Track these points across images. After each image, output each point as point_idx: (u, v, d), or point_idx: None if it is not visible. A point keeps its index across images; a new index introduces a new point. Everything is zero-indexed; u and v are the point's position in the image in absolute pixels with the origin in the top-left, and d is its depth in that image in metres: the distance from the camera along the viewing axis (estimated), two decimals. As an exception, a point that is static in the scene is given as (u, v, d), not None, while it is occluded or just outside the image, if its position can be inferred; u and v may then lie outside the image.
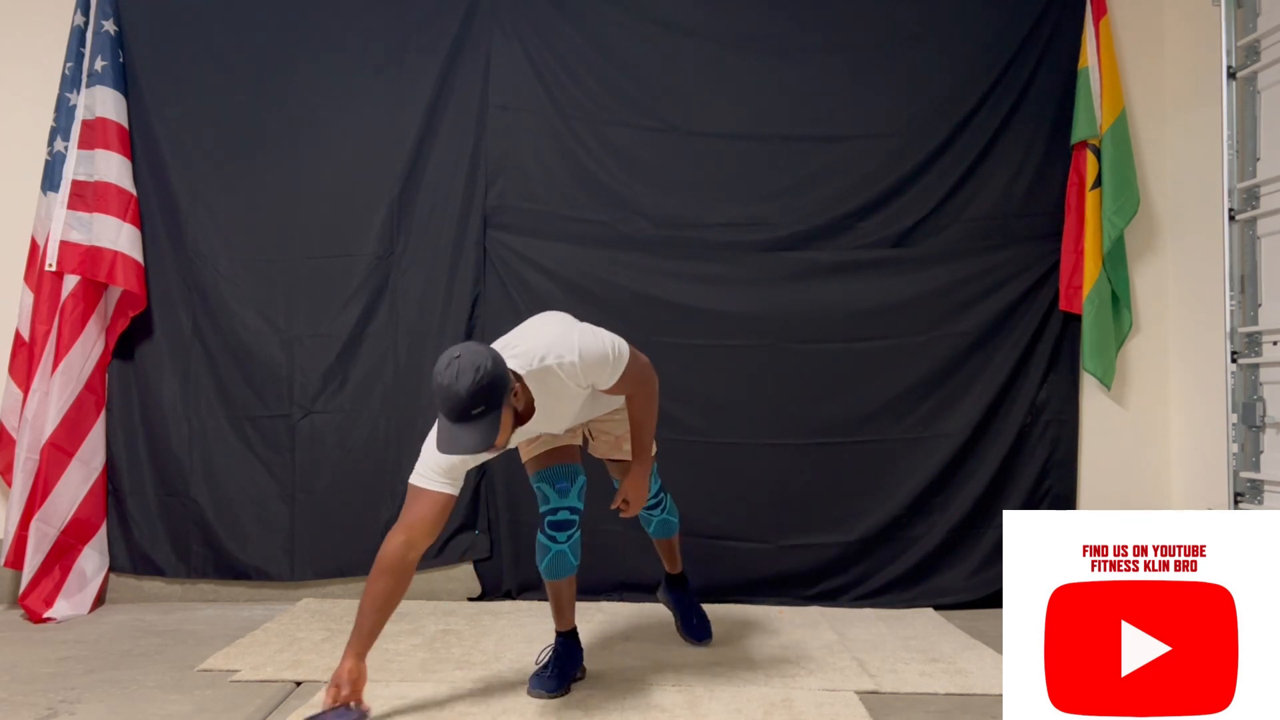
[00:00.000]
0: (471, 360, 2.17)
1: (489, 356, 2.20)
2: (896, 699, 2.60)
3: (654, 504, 2.97)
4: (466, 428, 2.17)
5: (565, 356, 2.35)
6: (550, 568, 2.66)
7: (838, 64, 3.81)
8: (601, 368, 2.40)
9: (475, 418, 2.17)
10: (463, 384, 2.14)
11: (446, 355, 2.20)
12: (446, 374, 2.16)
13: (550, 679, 2.61)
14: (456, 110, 3.80)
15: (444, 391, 2.16)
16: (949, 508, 3.73)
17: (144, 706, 2.51)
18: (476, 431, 2.17)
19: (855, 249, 3.78)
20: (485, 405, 2.17)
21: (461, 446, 2.18)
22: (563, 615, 2.73)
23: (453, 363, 2.17)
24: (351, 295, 3.77)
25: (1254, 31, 3.19)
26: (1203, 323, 3.56)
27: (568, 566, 2.67)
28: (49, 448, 3.52)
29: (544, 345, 2.37)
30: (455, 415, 2.16)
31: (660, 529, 3.04)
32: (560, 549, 2.64)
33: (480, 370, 2.16)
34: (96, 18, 3.69)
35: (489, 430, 2.19)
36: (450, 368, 2.16)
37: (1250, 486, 3.15)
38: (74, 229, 3.58)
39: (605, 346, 2.41)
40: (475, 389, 2.14)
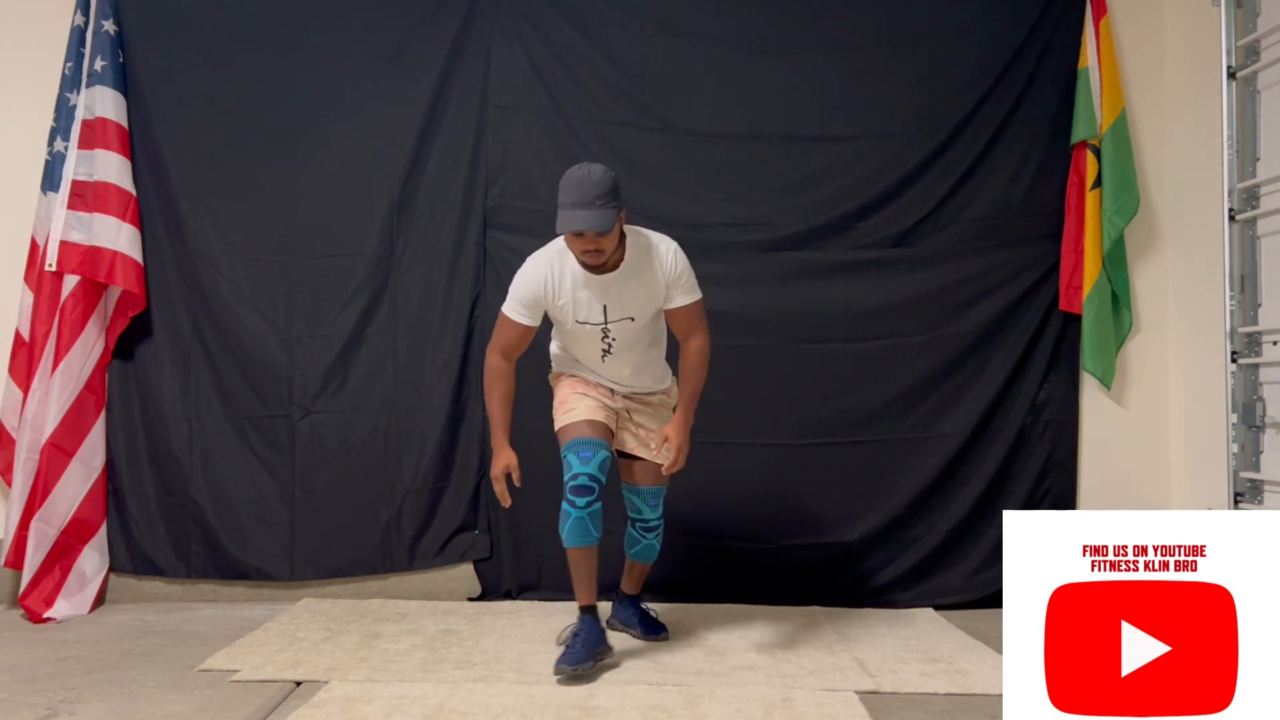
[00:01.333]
0: (602, 167, 2.66)
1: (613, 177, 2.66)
2: (896, 699, 2.60)
3: (653, 527, 3.06)
4: (589, 210, 2.57)
5: (667, 241, 2.81)
6: (570, 534, 2.79)
7: (838, 64, 3.81)
8: (687, 278, 2.82)
9: (599, 205, 2.58)
10: (596, 173, 2.61)
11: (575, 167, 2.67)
12: (579, 169, 2.63)
13: (574, 651, 2.72)
14: (456, 110, 3.80)
15: (576, 179, 2.61)
16: (949, 508, 3.73)
17: (144, 706, 2.51)
18: (598, 214, 2.58)
19: (855, 249, 3.78)
20: (608, 198, 2.60)
21: (583, 222, 2.57)
22: (583, 588, 2.85)
23: (584, 164, 2.66)
24: (351, 295, 3.77)
25: (1254, 31, 3.19)
26: (1203, 323, 3.56)
27: (587, 535, 2.78)
28: (49, 448, 3.52)
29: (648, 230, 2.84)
30: (583, 199, 2.57)
31: (643, 553, 3.11)
32: (579, 515, 2.76)
33: (609, 173, 2.65)
34: (96, 18, 3.69)
35: (608, 217, 2.60)
36: (582, 167, 2.65)
37: (1250, 486, 3.15)
38: (74, 229, 3.58)
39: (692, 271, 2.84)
40: (605, 179, 2.61)
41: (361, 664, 2.85)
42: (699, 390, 2.91)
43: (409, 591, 3.74)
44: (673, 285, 2.81)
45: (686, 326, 2.88)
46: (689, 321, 2.86)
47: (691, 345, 2.88)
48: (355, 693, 2.59)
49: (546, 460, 3.73)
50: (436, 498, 3.75)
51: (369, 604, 3.63)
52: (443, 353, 3.76)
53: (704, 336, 2.89)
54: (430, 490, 3.74)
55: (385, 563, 3.73)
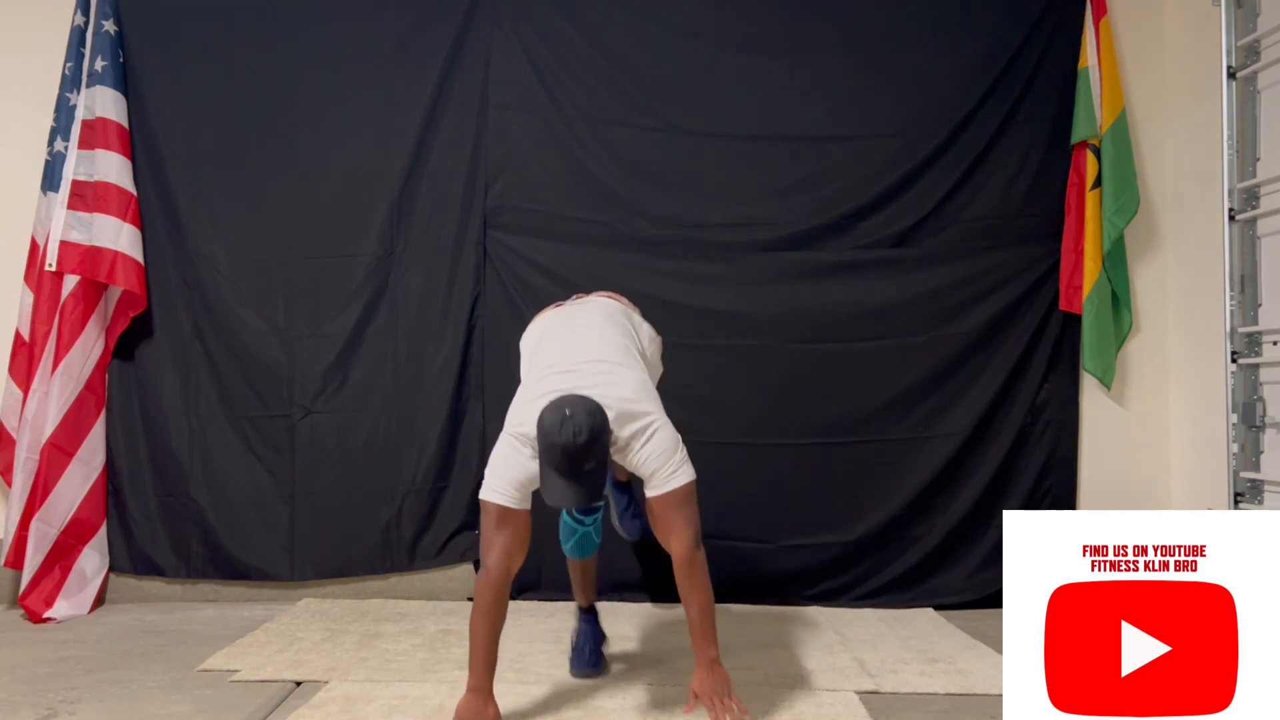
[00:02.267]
0: (587, 418, 2.18)
1: (598, 411, 2.22)
2: (896, 699, 2.60)
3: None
4: (577, 482, 2.19)
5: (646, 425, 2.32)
6: (576, 547, 2.77)
7: (838, 64, 3.81)
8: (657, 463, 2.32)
9: (587, 472, 2.19)
10: (581, 440, 2.16)
11: (555, 411, 2.20)
12: (563, 431, 2.16)
13: (592, 657, 2.80)
14: (456, 110, 3.80)
15: (561, 448, 2.16)
16: (949, 508, 3.73)
17: (144, 706, 2.51)
18: (587, 485, 2.20)
19: (855, 249, 3.78)
20: (597, 460, 2.20)
21: (575, 500, 2.20)
22: (586, 593, 2.88)
23: (566, 421, 2.16)
24: (351, 295, 3.77)
25: (1254, 31, 3.19)
26: (1203, 323, 3.56)
27: (592, 546, 2.78)
28: (49, 448, 3.52)
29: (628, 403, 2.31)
30: (569, 471, 2.18)
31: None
32: (586, 530, 2.74)
33: (594, 428, 2.18)
34: (96, 18, 3.69)
35: (598, 482, 2.22)
36: (565, 426, 2.16)
37: (1250, 486, 3.15)
38: (74, 229, 3.58)
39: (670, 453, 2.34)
40: (590, 445, 2.17)
41: (361, 664, 2.85)
42: (708, 614, 2.31)
43: (409, 591, 3.74)
44: (638, 468, 2.34)
45: (660, 524, 2.33)
46: (661, 517, 2.32)
47: (671, 553, 2.32)
48: (355, 693, 2.59)
49: (546, 460, 3.74)
50: (436, 498, 3.75)
51: (369, 604, 3.63)
52: (443, 353, 3.76)
53: (688, 539, 2.31)
54: (430, 490, 3.74)
55: (385, 563, 3.73)
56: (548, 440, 2.18)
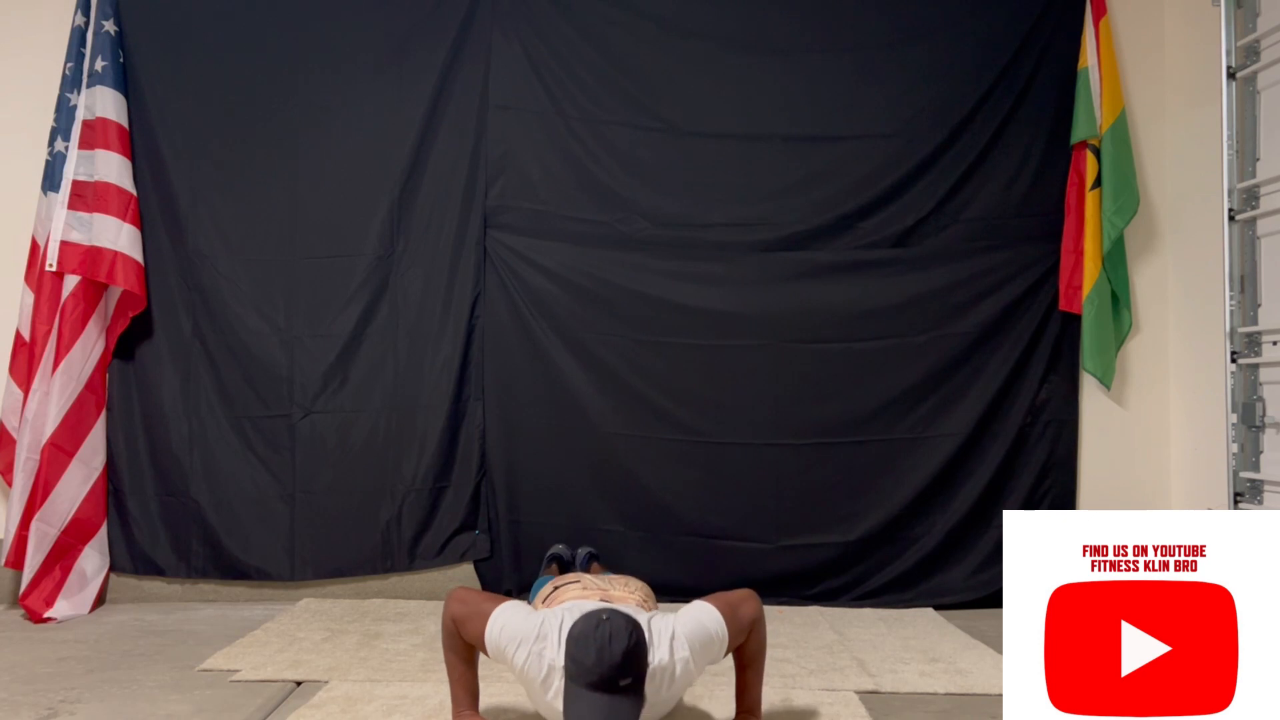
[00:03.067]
0: (625, 621, 1.93)
1: (636, 623, 1.97)
2: (896, 699, 2.60)
3: None
4: (613, 700, 1.90)
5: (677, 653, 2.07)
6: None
7: (838, 64, 3.81)
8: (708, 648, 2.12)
9: (623, 690, 1.91)
10: (618, 646, 1.89)
11: (590, 617, 1.96)
12: (598, 635, 1.91)
13: None
14: (456, 110, 3.80)
15: (595, 656, 1.89)
16: (949, 508, 3.73)
17: (144, 706, 2.51)
18: (626, 706, 1.91)
19: (855, 249, 3.78)
20: (634, 676, 1.92)
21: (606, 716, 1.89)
22: None
23: (602, 624, 1.92)
24: (351, 295, 3.77)
25: (1254, 31, 3.19)
26: (1203, 323, 3.56)
27: None
28: (49, 448, 3.52)
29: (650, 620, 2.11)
30: (604, 684, 1.89)
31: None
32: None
33: (634, 634, 1.92)
34: (97, 18, 3.68)
35: (636, 705, 1.93)
36: (601, 629, 1.91)
37: (1250, 486, 3.15)
38: (74, 229, 3.58)
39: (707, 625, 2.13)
40: (631, 653, 1.90)
41: (361, 664, 2.85)
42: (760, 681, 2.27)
43: (409, 591, 3.74)
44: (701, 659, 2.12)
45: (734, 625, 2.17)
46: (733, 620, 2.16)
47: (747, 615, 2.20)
48: (355, 693, 2.59)
49: (547, 459, 3.75)
50: (436, 498, 3.75)
51: (369, 604, 3.63)
52: (443, 353, 3.76)
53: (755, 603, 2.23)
54: (430, 490, 3.74)
55: (385, 563, 3.74)
56: (579, 647, 1.92)
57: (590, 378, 3.73)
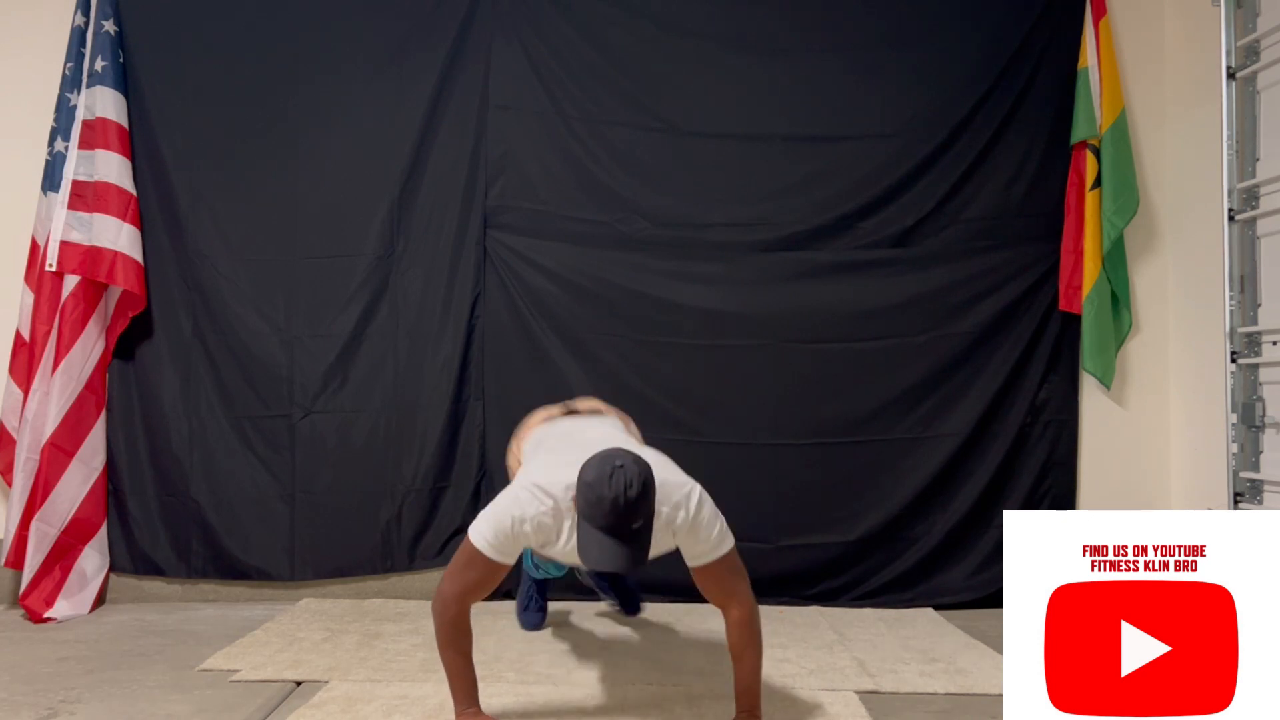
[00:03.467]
0: (638, 469, 1.99)
1: (648, 466, 2.03)
2: (896, 699, 2.60)
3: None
4: (622, 542, 1.97)
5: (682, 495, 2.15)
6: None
7: (838, 64, 3.81)
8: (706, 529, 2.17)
9: (635, 532, 1.98)
10: (633, 493, 1.95)
11: (603, 462, 2.01)
12: (613, 483, 1.95)
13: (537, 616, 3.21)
14: (456, 110, 3.80)
15: (609, 502, 1.95)
16: (949, 508, 3.73)
17: (144, 706, 2.51)
18: (633, 548, 1.98)
19: (855, 249, 3.78)
20: (645, 519, 2.00)
21: (620, 563, 1.98)
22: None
23: (617, 472, 1.97)
24: (351, 295, 3.77)
25: (1254, 31, 3.19)
26: (1203, 323, 3.56)
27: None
28: (49, 448, 3.52)
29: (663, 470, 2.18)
30: (617, 528, 1.97)
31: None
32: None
33: (646, 481, 1.99)
34: (96, 18, 3.68)
35: (643, 546, 2.00)
36: (615, 477, 1.96)
37: (1250, 486, 3.15)
38: (74, 229, 3.58)
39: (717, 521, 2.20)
40: (642, 498, 1.97)
41: (361, 664, 2.85)
42: (757, 678, 2.26)
43: (409, 591, 3.73)
44: (685, 539, 2.18)
45: (717, 590, 2.22)
46: (718, 583, 2.21)
47: (730, 616, 2.22)
48: (355, 693, 2.59)
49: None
50: (436, 498, 3.75)
51: (369, 604, 3.63)
52: (443, 353, 3.76)
53: (745, 602, 2.23)
54: (430, 490, 3.74)
55: (385, 563, 3.73)
56: (594, 493, 1.97)
57: (590, 378, 3.73)
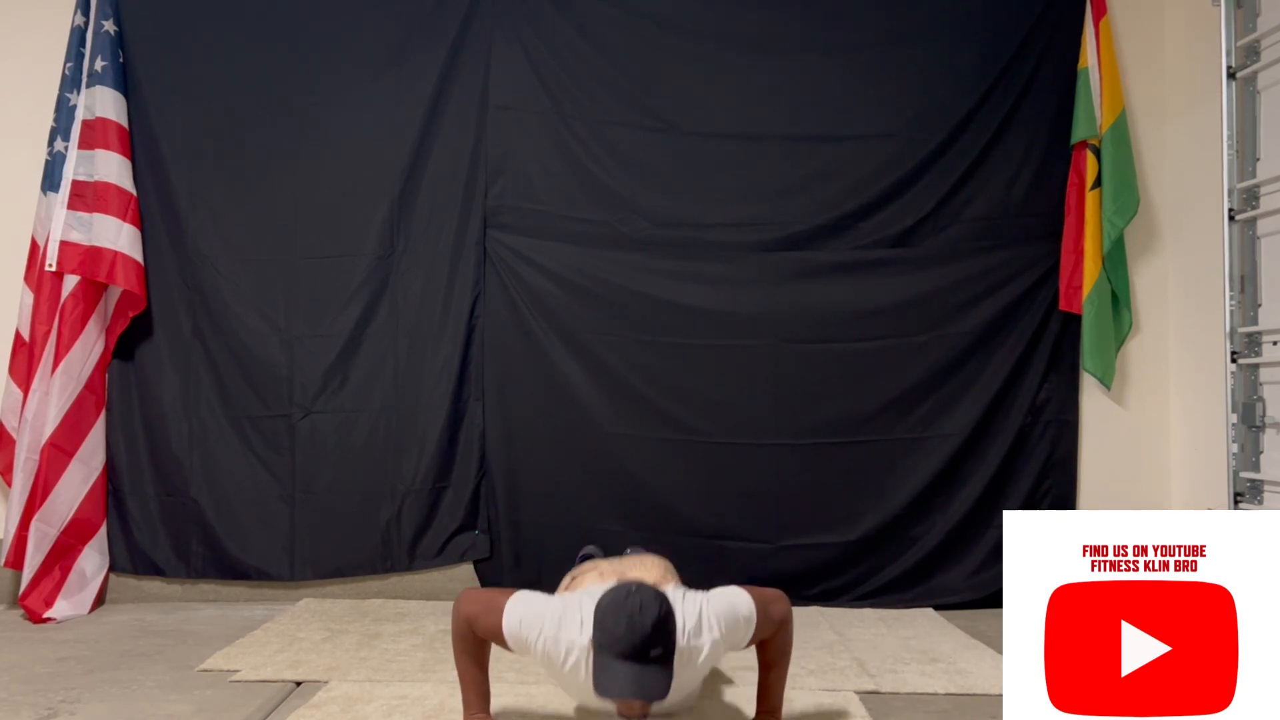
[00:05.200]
0: (655, 594, 1.95)
1: (665, 595, 1.98)
2: (896, 699, 2.60)
3: None
4: (641, 666, 1.90)
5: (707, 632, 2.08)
6: None
7: (838, 64, 3.81)
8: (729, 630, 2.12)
9: (653, 660, 1.90)
10: (648, 616, 1.90)
11: (617, 590, 1.97)
12: (628, 605, 1.91)
13: None
14: (456, 110, 3.80)
15: (625, 625, 1.90)
16: (949, 508, 3.73)
17: (144, 706, 2.51)
18: (652, 673, 1.90)
19: (855, 249, 3.78)
20: (664, 646, 1.92)
21: (638, 689, 1.89)
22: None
23: (631, 595, 1.94)
24: (351, 295, 3.77)
25: (1254, 31, 3.19)
26: (1203, 323, 3.56)
27: None
28: (49, 448, 3.52)
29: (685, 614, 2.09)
30: (634, 654, 1.89)
31: None
32: None
33: (664, 606, 1.93)
34: (96, 18, 3.68)
35: (665, 673, 1.92)
36: (630, 599, 1.93)
37: (1250, 486, 3.15)
38: (74, 229, 3.58)
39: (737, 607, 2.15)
40: (660, 625, 1.90)
41: (361, 664, 2.85)
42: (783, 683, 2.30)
43: (409, 591, 3.74)
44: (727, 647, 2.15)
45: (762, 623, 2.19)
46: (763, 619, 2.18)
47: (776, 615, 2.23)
48: (355, 693, 2.59)
49: (547, 459, 3.74)
50: (436, 498, 3.75)
51: (369, 604, 3.63)
52: (443, 353, 3.76)
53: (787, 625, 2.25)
54: (430, 490, 3.74)
55: (385, 563, 3.74)
56: (609, 619, 1.92)
57: (590, 378, 3.73)
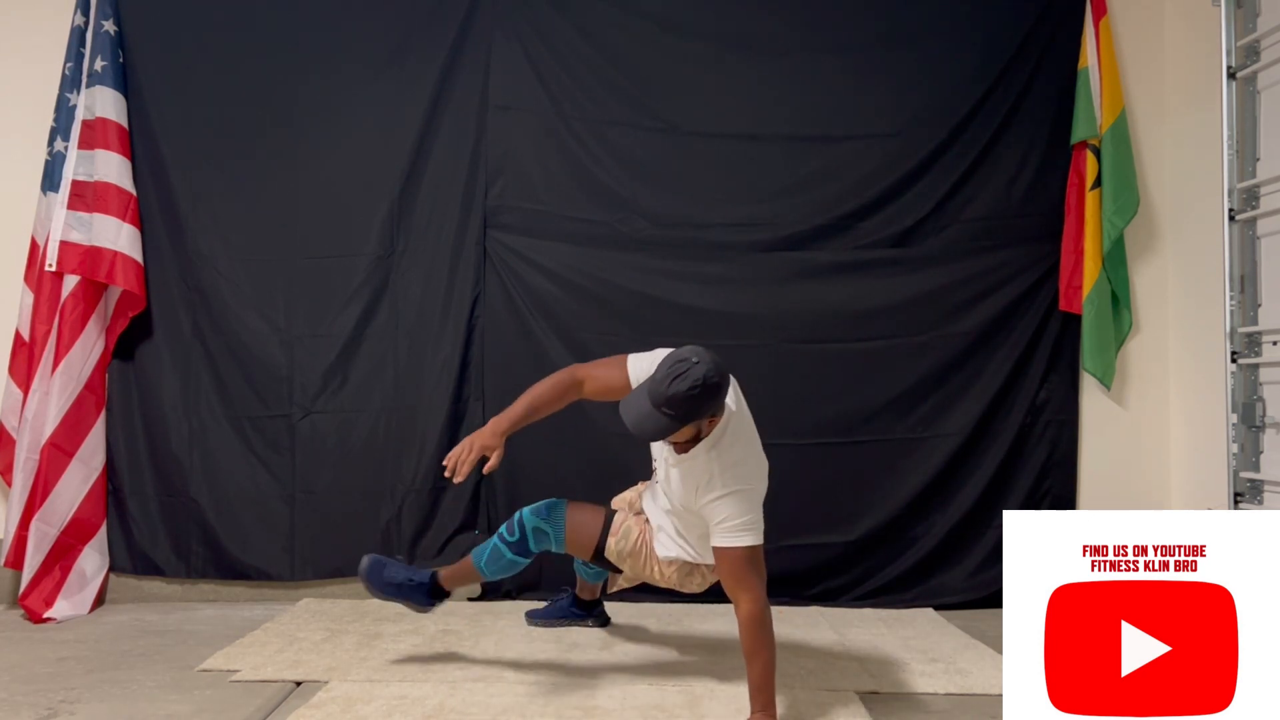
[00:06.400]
0: (704, 373, 2.21)
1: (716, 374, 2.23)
2: (896, 699, 2.60)
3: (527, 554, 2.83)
4: (651, 414, 2.23)
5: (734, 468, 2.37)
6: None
7: (838, 64, 3.81)
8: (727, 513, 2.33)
9: (663, 413, 2.23)
10: (680, 385, 2.19)
11: (693, 349, 2.26)
12: (678, 366, 2.22)
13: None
14: (456, 110, 3.80)
15: (663, 374, 2.22)
16: (949, 508, 3.73)
17: (144, 706, 2.51)
18: (653, 423, 2.24)
19: (855, 249, 3.78)
20: (680, 412, 2.22)
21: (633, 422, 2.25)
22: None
23: (687, 362, 2.22)
24: (351, 295, 3.77)
25: (1254, 31, 3.19)
26: (1203, 323, 3.56)
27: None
28: (49, 448, 3.52)
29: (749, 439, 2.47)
30: (652, 396, 2.24)
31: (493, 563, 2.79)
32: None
33: (695, 387, 2.19)
34: (96, 18, 3.68)
35: (661, 430, 2.26)
36: (683, 364, 2.22)
37: (1250, 486, 3.15)
38: (74, 229, 3.58)
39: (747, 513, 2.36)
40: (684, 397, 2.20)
41: (361, 664, 2.85)
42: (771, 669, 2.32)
43: (409, 591, 3.73)
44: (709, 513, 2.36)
45: (729, 577, 2.33)
46: (731, 571, 2.32)
47: (740, 611, 2.32)
48: (355, 693, 2.59)
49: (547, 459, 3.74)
50: (436, 498, 3.75)
51: (369, 604, 3.63)
52: (443, 353, 3.76)
53: (756, 599, 2.30)
54: (430, 490, 3.74)
55: (385, 563, 3.73)
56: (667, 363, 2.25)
57: (590, 378, 3.73)
